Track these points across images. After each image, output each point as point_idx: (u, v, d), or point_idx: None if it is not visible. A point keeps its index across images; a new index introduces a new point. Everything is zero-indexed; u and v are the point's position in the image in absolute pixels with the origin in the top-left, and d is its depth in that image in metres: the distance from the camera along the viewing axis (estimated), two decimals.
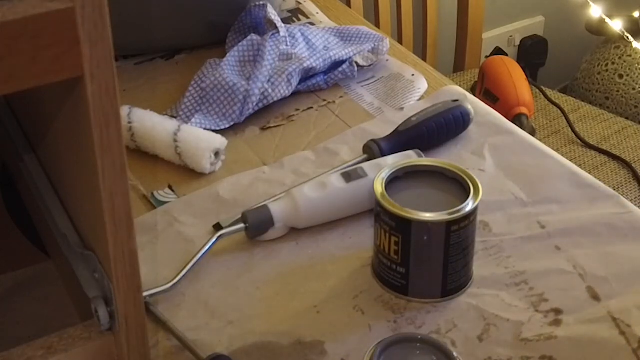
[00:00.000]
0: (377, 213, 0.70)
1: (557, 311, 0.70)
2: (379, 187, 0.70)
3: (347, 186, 0.79)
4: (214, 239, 0.76)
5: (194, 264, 0.74)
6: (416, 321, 0.69)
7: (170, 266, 0.74)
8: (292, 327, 0.69)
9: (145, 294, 0.68)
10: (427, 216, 0.67)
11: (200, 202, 0.83)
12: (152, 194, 0.85)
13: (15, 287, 0.78)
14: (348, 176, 0.80)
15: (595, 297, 0.71)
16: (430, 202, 0.70)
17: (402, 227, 0.68)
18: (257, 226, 0.77)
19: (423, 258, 0.69)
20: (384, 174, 0.71)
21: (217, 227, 0.79)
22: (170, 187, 0.86)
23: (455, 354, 0.59)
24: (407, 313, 0.70)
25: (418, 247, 0.68)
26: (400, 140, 0.87)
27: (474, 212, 0.68)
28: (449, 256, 0.69)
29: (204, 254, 0.75)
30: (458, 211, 0.67)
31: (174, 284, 0.72)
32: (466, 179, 0.70)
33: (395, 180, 0.72)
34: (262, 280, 0.75)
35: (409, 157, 0.82)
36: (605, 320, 0.68)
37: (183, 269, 0.73)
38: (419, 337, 0.60)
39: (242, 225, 0.77)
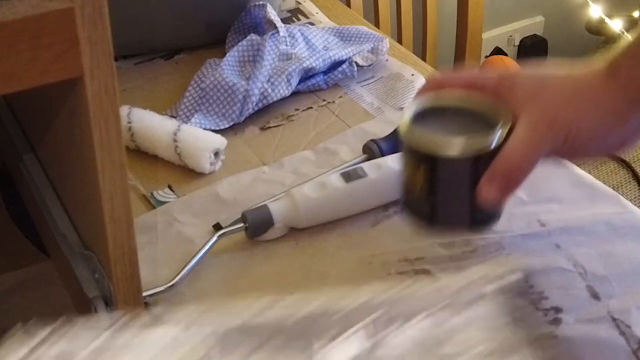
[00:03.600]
0: (404, 146, 0.69)
1: (557, 309, 0.70)
2: (405, 121, 0.69)
3: (347, 186, 0.79)
4: (213, 239, 0.76)
5: (194, 264, 0.74)
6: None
7: (170, 266, 0.74)
8: None
9: (144, 294, 0.68)
10: (455, 147, 0.66)
11: (200, 202, 0.83)
12: (152, 193, 0.85)
13: (15, 287, 0.78)
14: (348, 176, 0.80)
15: (595, 296, 0.71)
16: (457, 133, 0.68)
17: (430, 162, 0.67)
18: (256, 226, 0.77)
19: (451, 189, 0.68)
20: (410, 111, 0.69)
21: (217, 227, 0.79)
22: (169, 187, 0.86)
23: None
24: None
25: (445, 179, 0.67)
26: (399, 140, 0.87)
27: (502, 140, 0.66)
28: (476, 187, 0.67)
29: (203, 254, 0.75)
30: (485, 140, 0.65)
31: (174, 284, 0.72)
32: (492, 110, 0.68)
33: (419, 116, 0.70)
34: (262, 280, 0.75)
35: None
36: (605, 320, 0.69)
37: (183, 269, 0.73)
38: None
39: (241, 225, 0.77)
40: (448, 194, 0.68)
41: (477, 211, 0.68)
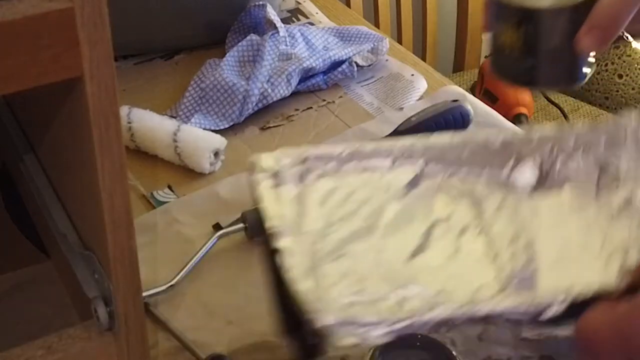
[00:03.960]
0: (499, 9, 0.68)
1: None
2: None
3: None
4: (213, 239, 0.76)
5: (194, 264, 0.74)
6: None
7: (170, 266, 0.74)
8: None
9: (144, 294, 0.68)
10: (554, 3, 0.65)
11: (200, 202, 0.83)
12: (152, 193, 0.85)
13: (15, 287, 0.78)
14: None
15: None
16: None
17: (529, 18, 0.66)
18: (256, 226, 0.77)
19: (552, 46, 0.67)
20: None
21: (217, 227, 0.79)
22: (169, 187, 0.86)
23: (454, 353, 0.59)
24: None
25: (547, 36, 0.66)
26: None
27: None
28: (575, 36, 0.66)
29: (203, 254, 0.75)
30: None
31: (173, 284, 0.72)
32: None
33: None
34: (262, 280, 0.75)
35: None
36: None
37: (182, 269, 0.73)
38: (419, 336, 0.60)
39: (241, 225, 0.77)
40: (548, 50, 0.67)
41: (575, 65, 0.67)
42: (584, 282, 0.50)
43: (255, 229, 0.77)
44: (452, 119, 0.90)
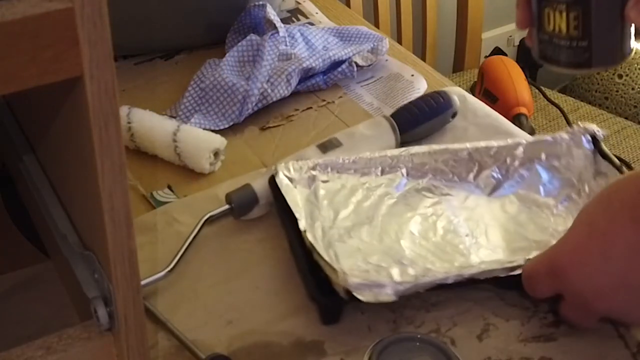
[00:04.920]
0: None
1: (557, 312, 0.70)
2: None
3: (324, 156, 0.82)
4: (201, 222, 0.78)
5: (185, 248, 0.76)
6: (415, 320, 0.69)
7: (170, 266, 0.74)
8: (292, 326, 0.69)
9: (143, 282, 0.68)
10: None
11: (200, 203, 0.83)
12: (152, 194, 0.85)
13: (15, 287, 0.78)
14: (324, 147, 0.83)
15: None
16: None
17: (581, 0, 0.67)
18: (241, 205, 0.79)
19: (605, 24, 0.68)
20: None
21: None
22: (169, 187, 0.86)
23: (454, 353, 0.59)
24: (406, 312, 0.70)
25: (599, 15, 0.67)
26: None
27: None
28: (624, 12, 0.66)
29: (193, 237, 0.77)
30: None
31: (169, 271, 0.74)
32: None
33: None
34: (261, 280, 0.75)
35: (380, 123, 0.88)
36: (604, 322, 0.68)
37: (176, 256, 0.75)
38: (418, 336, 0.60)
39: (227, 206, 0.78)
40: (600, 27, 0.67)
41: (624, 40, 0.68)
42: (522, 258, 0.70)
43: (242, 209, 0.79)
44: (431, 99, 0.91)
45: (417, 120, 0.89)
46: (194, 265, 0.76)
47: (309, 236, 0.69)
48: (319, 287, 0.67)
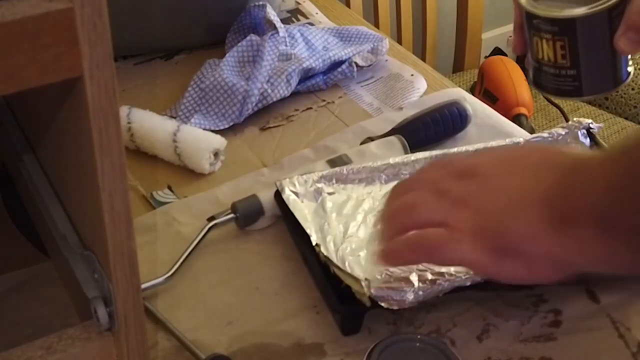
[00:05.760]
0: (533, 25, 0.68)
1: (557, 312, 0.70)
2: (525, 1, 0.69)
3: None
4: (205, 229, 0.77)
5: (188, 253, 0.75)
6: (415, 321, 0.69)
7: (169, 266, 0.74)
8: (292, 327, 0.69)
9: (143, 286, 0.68)
10: (588, 9, 0.66)
11: (199, 204, 0.83)
12: (152, 194, 0.85)
13: (15, 287, 0.77)
14: (333, 163, 0.82)
15: (595, 299, 0.71)
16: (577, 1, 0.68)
17: (566, 28, 0.66)
18: (247, 215, 0.78)
19: (592, 53, 0.68)
20: None
21: (211, 219, 0.80)
22: (169, 188, 0.86)
23: (454, 353, 0.59)
24: (406, 313, 0.70)
25: (586, 44, 0.67)
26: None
27: None
28: (612, 41, 0.67)
29: (197, 242, 0.76)
30: None
31: (169, 277, 0.73)
32: None
33: None
34: (261, 280, 0.75)
35: (392, 143, 0.86)
36: (604, 323, 0.68)
37: (177, 261, 0.74)
38: (418, 337, 0.60)
39: (232, 215, 0.78)
40: (588, 56, 0.67)
41: (617, 68, 0.68)
42: None
43: (247, 219, 0.79)
44: (448, 114, 0.90)
45: (430, 139, 0.89)
46: (194, 266, 0.76)
47: (323, 250, 0.70)
48: (339, 299, 0.68)
